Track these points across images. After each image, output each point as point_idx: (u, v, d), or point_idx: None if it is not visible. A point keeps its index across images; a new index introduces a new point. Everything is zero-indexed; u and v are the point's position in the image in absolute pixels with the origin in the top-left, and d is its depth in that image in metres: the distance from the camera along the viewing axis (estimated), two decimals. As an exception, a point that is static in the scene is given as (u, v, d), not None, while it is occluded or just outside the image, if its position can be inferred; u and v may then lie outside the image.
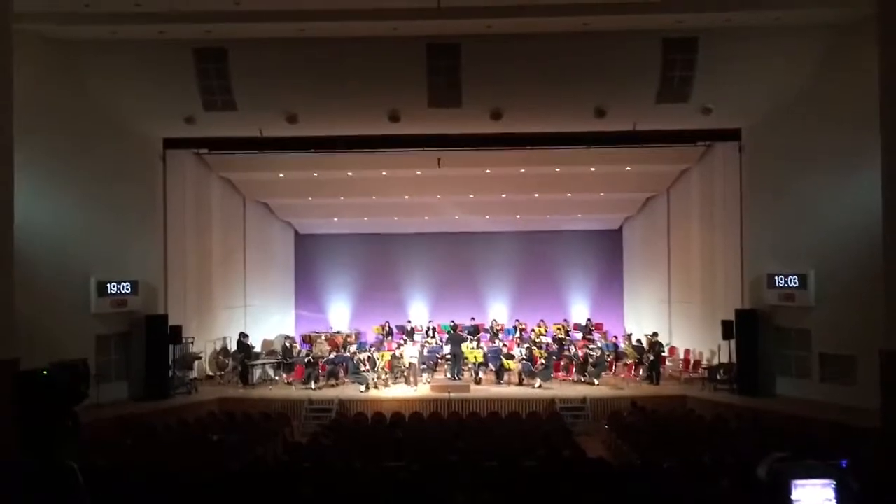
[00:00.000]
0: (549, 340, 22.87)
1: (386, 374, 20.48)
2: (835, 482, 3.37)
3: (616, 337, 23.93)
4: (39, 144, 16.02)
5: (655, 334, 20.87)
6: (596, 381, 20.09)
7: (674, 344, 22.83)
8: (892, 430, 12.24)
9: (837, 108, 16.45)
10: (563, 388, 19.63)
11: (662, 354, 20.83)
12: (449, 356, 20.92)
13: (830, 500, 3.36)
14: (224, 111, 17.73)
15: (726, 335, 18.71)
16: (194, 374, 20.47)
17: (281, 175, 22.31)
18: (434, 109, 17.70)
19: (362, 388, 19.55)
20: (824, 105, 16.81)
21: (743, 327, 18.49)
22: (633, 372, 21.08)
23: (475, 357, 20.83)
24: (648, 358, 20.46)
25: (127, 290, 18.27)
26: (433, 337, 23.93)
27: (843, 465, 3.57)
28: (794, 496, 3.37)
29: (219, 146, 20.53)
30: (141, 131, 18.84)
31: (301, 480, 9.02)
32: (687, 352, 21.96)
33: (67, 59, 16.91)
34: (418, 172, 21.85)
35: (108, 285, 17.95)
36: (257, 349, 22.44)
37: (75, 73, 17.18)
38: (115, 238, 18.25)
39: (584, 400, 18.55)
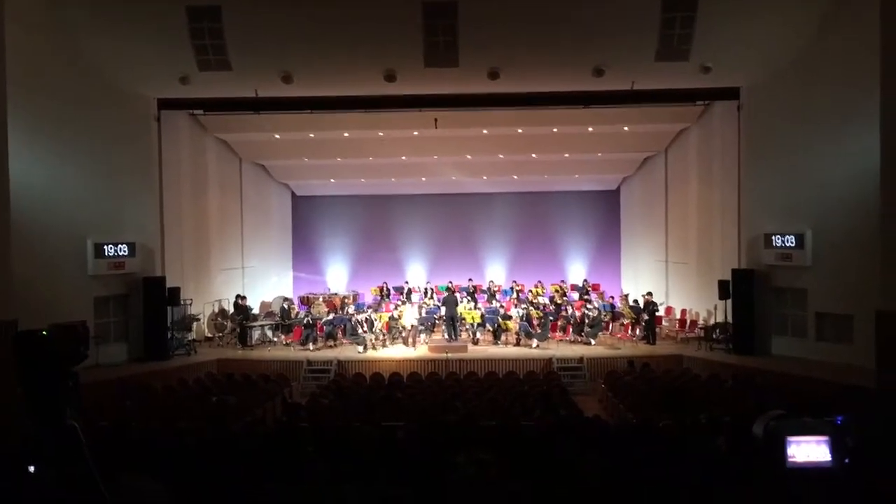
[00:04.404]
0: (547, 301, 22.94)
1: (384, 335, 20.57)
2: (830, 438, 3.39)
3: (613, 297, 24.03)
4: (32, 106, 15.86)
5: (650, 294, 20.94)
6: (593, 341, 20.22)
7: (671, 304, 22.93)
8: (888, 388, 12.34)
9: (837, 68, 16.29)
10: (561, 349, 19.76)
11: (657, 314, 20.93)
12: (445, 317, 21.02)
13: (826, 456, 3.39)
14: (218, 71, 17.52)
15: (723, 295, 18.76)
16: (193, 335, 20.55)
17: (277, 136, 22.17)
18: (431, 69, 17.53)
19: (360, 349, 19.68)
20: (824, 65, 16.65)
21: (739, 287, 18.54)
22: (629, 332, 21.19)
23: (473, 318, 20.92)
24: (644, 318, 20.56)
25: (124, 252, 18.26)
26: (431, 298, 24.00)
27: (839, 422, 3.59)
28: (789, 452, 3.40)
29: (214, 107, 20.32)
30: (135, 91, 18.64)
31: (301, 440, 9.10)
32: (683, 312, 22.06)
33: (59, 17, 16.63)
34: (415, 133, 21.71)
35: (106, 247, 17.93)
36: (255, 311, 22.53)
37: (67, 33, 16.90)
38: (112, 200, 18.20)
39: (580, 360, 18.69)
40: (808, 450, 3.40)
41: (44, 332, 3.36)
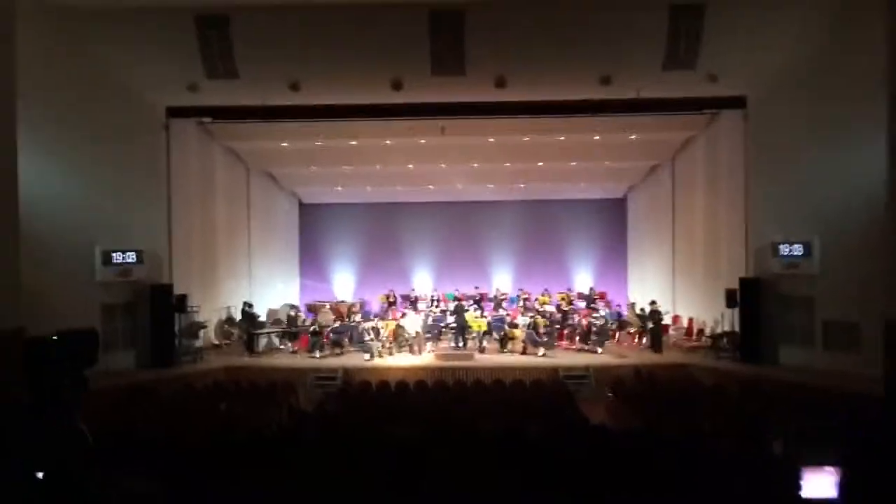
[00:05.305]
0: (553, 309, 22.93)
1: (390, 342, 20.57)
2: (840, 472, 3.42)
3: (619, 306, 23.99)
4: (42, 113, 15.91)
5: (654, 302, 20.91)
6: (599, 350, 20.19)
7: (678, 313, 22.87)
8: None
9: (843, 77, 16.23)
10: (567, 357, 19.73)
11: (662, 322, 20.87)
12: (453, 325, 21.02)
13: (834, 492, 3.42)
14: (227, 79, 17.60)
15: (730, 304, 18.73)
16: (200, 342, 20.55)
17: (284, 144, 22.26)
18: (437, 77, 17.57)
19: (367, 356, 19.66)
20: (830, 73, 16.59)
21: (747, 296, 18.48)
22: (636, 340, 21.14)
23: (479, 326, 20.91)
24: (649, 326, 20.53)
25: (132, 259, 18.28)
26: (437, 306, 24.00)
27: (849, 457, 3.61)
28: (802, 484, 3.43)
29: (222, 115, 20.40)
30: (144, 100, 18.71)
31: (307, 447, 9.11)
32: (690, 320, 22.00)
33: (69, 26, 16.69)
34: (422, 141, 21.76)
35: (114, 255, 17.97)
36: (262, 318, 22.56)
37: (77, 42, 16.98)
38: (120, 207, 18.23)
39: (587, 368, 18.63)
40: (820, 483, 3.42)
41: (53, 338, 3.40)
